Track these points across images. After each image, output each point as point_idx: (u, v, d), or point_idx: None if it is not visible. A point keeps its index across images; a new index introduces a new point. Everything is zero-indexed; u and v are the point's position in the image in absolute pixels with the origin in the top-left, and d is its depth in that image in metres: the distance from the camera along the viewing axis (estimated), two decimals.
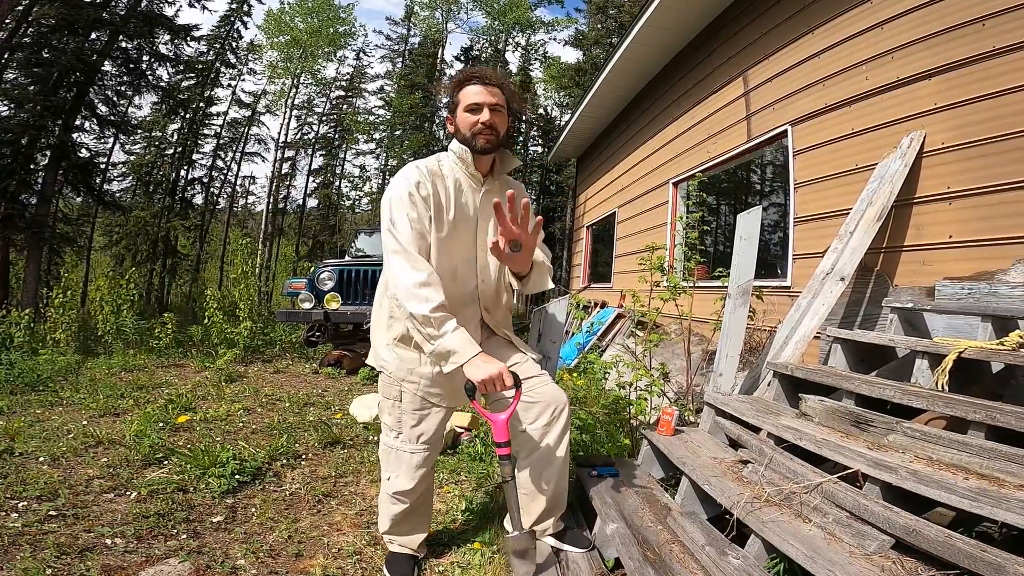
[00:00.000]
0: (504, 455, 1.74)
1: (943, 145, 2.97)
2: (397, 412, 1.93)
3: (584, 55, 22.16)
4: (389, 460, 1.98)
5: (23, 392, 4.31)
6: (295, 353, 7.39)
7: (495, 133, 1.82)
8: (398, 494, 1.96)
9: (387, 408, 1.96)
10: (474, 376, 1.61)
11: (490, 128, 1.81)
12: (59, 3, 11.05)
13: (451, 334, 1.64)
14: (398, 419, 1.93)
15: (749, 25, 5.12)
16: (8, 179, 10.71)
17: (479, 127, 1.81)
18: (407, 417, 1.92)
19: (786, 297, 4.04)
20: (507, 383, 1.63)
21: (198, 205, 20.96)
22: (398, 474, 1.95)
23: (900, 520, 1.44)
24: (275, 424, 3.79)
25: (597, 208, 10.23)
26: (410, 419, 1.91)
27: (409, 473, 1.94)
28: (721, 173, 5.96)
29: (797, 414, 2.35)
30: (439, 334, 1.64)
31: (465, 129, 1.83)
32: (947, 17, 3.00)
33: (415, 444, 1.93)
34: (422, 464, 1.95)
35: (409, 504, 1.98)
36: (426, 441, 1.94)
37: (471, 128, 1.82)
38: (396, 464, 1.96)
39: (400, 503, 1.97)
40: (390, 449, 1.97)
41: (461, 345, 1.64)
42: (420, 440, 1.93)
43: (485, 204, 1.88)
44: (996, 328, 2.22)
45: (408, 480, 1.94)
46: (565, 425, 1.92)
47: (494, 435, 1.74)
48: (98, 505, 2.36)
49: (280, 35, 21.63)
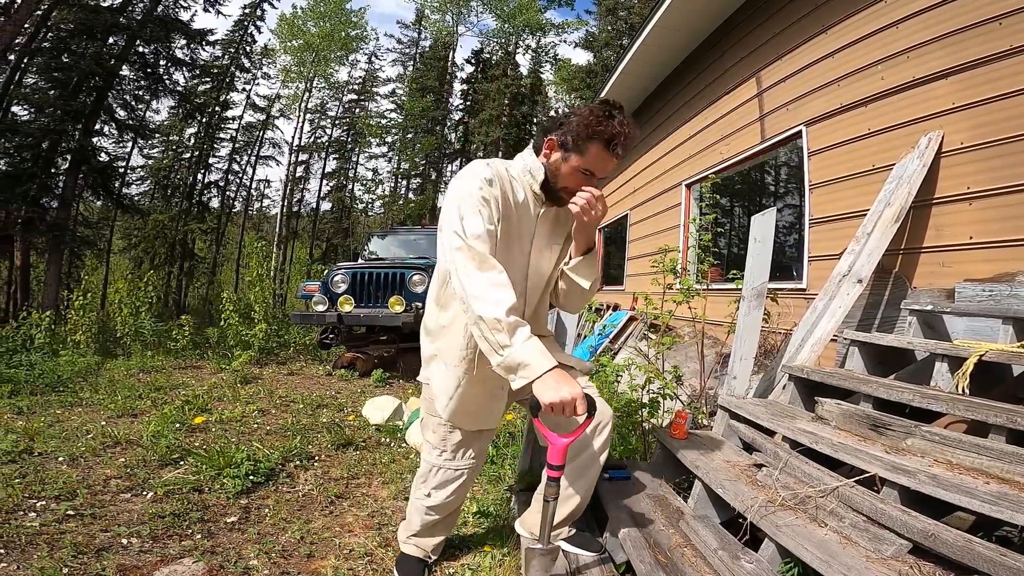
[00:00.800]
0: (554, 477, 1.59)
1: (962, 145, 2.93)
2: (442, 431, 1.84)
3: (595, 57, 22.16)
4: (430, 478, 1.90)
5: (44, 393, 4.39)
6: (309, 355, 7.45)
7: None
8: (434, 508, 1.91)
9: (431, 425, 1.86)
10: (545, 397, 1.41)
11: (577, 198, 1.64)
12: (77, 8, 11.26)
13: (523, 343, 1.44)
14: (443, 437, 1.84)
15: (761, 25, 5.08)
16: (29, 183, 10.93)
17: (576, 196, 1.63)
18: (452, 436, 1.83)
19: (801, 299, 3.99)
20: (579, 410, 1.44)
21: (214, 208, 21.27)
22: (439, 491, 1.89)
23: (918, 524, 1.41)
24: (289, 425, 3.82)
25: (609, 210, 10.20)
26: (455, 437, 1.83)
27: (450, 491, 1.88)
28: (735, 174, 5.91)
29: (813, 417, 2.32)
30: (510, 343, 1.44)
31: (565, 182, 1.65)
32: (962, 16, 2.96)
33: (461, 462, 1.86)
34: (467, 481, 1.90)
35: (443, 515, 1.96)
36: (473, 458, 1.88)
37: (570, 186, 1.65)
38: (438, 482, 1.89)
39: (433, 515, 1.94)
40: (433, 467, 1.89)
41: (535, 357, 1.44)
42: (467, 457, 1.86)
43: (541, 225, 1.77)
44: (1017, 330, 2.18)
45: (447, 496, 1.89)
46: (607, 439, 1.88)
47: (550, 456, 1.58)
48: (115, 505, 2.39)
49: (293, 39, 21.88)
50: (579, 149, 1.61)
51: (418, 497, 1.94)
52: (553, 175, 1.68)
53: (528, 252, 1.78)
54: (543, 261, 1.83)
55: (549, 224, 1.80)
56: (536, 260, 1.81)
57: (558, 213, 1.82)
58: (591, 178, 1.64)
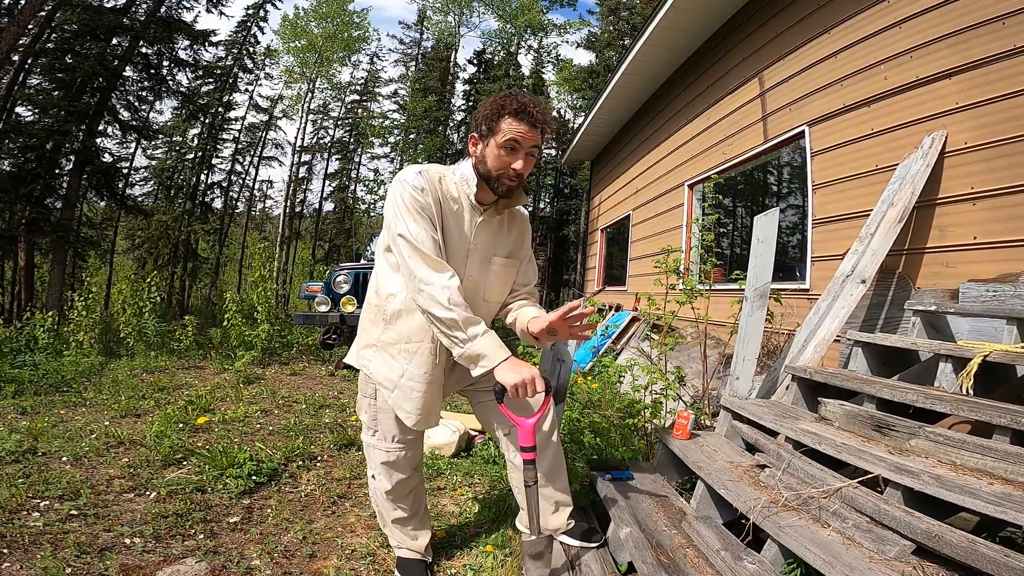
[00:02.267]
0: (529, 460, 1.69)
1: (965, 145, 2.92)
2: (372, 410, 1.90)
3: (597, 57, 22.14)
4: (369, 457, 1.97)
5: (47, 393, 4.40)
6: (312, 355, 7.46)
7: (521, 180, 1.70)
8: (386, 492, 1.94)
9: (364, 406, 1.93)
10: (506, 380, 1.57)
11: (519, 176, 1.68)
12: (81, 9, 11.30)
13: (481, 337, 1.60)
14: (374, 416, 1.90)
15: (764, 26, 5.07)
16: (33, 184, 10.97)
17: (510, 172, 1.67)
18: (382, 415, 1.88)
19: (804, 300, 3.99)
20: (538, 387, 1.59)
21: (217, 209, 21.31)
22: (378, 473, 1.93)
23: (922, 525, 1.41)
24: (291, 426, 3.82)
25: (611, 211, 10.20)
26: (385, 417, 1.88)
27: (387, 473, 1.91)
28: (737, 175, 5.91)
29: (816, 418, 2.31)
30: (468, 337, 1.59)
31: (493, 165, 1.67)
32: (965, 16, 2.95)
33: (389, 443, 1.89)
34: (398, 464, 1.91)
35: (400, 505, 1.97)
36: (401, 441, 1.89)
37: (501, 168, 1.66)
38: (375, 463, 1.94)
39: (390, 502, 1.96)
40: (367, 447, 1.96)
41: (492, 349, 1.60)
42: (395, 440, 1.89)
43: (481, 232, 1.77)
44: (1021, 331, 2.17)
45: (387, 480, 1.92)
46: (552, 422, 1.96)
47: (520, 439, 1.70)
48: (118, 505, 2.40)
49: (296, 40, 21.90)
50: (492, 129, 1.65)
51: (370, 482, 2.01)
52: (484, 165, 1.69)
53: (466, 258, 1.77)
54: (487, 273, 1.83)
55: (490, 233, 1.80)
56: (477, 271, 1.80)
57: (501, 222, 1.83)
58: (517, 150, 1.65)
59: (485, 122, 1.67)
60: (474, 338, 1.59)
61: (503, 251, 1.85)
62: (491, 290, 1.87)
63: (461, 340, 1.60)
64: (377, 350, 1.84)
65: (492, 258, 1.83)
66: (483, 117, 1.68)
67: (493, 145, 1.66)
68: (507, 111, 1.63)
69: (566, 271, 22.63)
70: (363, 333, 1.92)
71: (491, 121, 1.66)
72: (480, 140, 1.70)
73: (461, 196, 1.74)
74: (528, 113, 1.63)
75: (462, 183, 1.74)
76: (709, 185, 4.45)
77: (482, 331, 1.61)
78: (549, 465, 1.96)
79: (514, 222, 1.90)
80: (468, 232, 1.76)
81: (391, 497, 1.95)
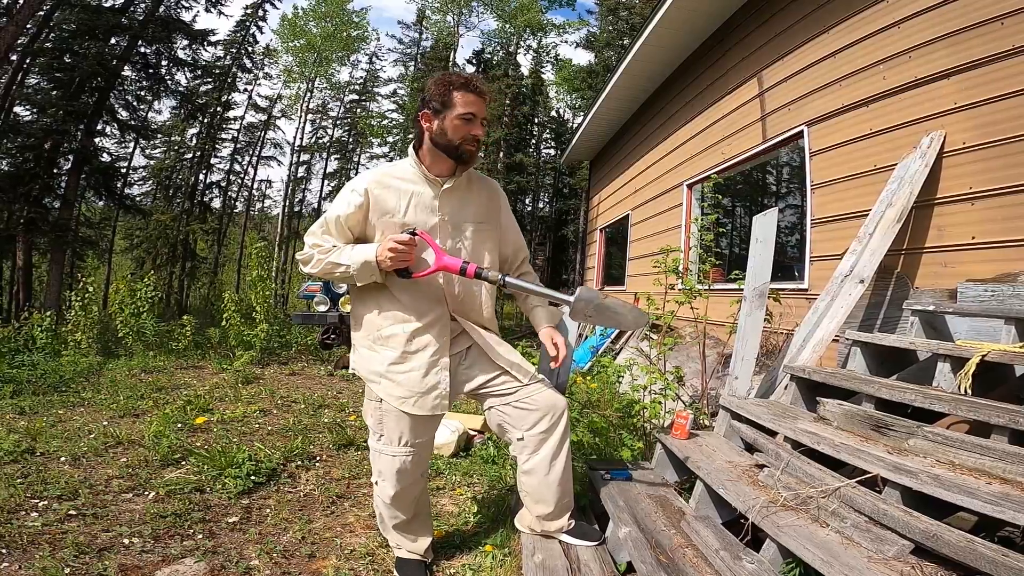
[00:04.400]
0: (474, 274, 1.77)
1: (964, 145, 2.92)
2: (378, 414, 1.88)
3: (596, 57, 22.14)
4: (374, 462, 1.94)
5: (46, 393, 4.39)
6: (310, 355, 7.45)
7: (479, 145, 1.84)
8: (389, 499, 1.91)
9: (370, 410, 1.92)
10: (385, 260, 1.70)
11: (478, 141, 1.82)
12: (79, 8, 11.28)
13: (348, 249, 1.78)
14: (379, 420, 1.88)
15: (763, 25, 5.07)
16: (32, 183, 10.95)
17: (471, 137, 1.80)
18: (387, 418, 1.86)
19: (803, 300, 3.99)
20: (405, 240, 1.69)
21: (216, 209, 21.26)
22: (384, 478, 1.90)
23: (920, 525, 1.41)
24: (290, 426, 3.82)
25: (611, 211, 10.20)
26: (389, 419, 1.86)
27: (393, 478, 1.87)
28: (736, 175, 5.91)
29: (815, 418, 2.31)
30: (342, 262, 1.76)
31: (454, 135, 1.79)
32: (964, 16, 2.95)
33: (396, 447, 1.86)
34: (406, 468, 1.88)
35: (402, 511, 1.94)
36: (411, 445, 1.87)
37: (462, 137, 1.79)
38: (380, 469, 1.91)
39: (393, 508, 1.93)
40: (373, 452, 1.93)
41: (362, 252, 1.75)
42: (402, 443, 1.86)
43: (446, 201, 1.86)
44: (1020, 331, 2.17)
45: (392, 485, 1.88)
46: (565, 430, 1.93)
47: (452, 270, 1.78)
48: (117, 505, 2.40)
49: (295, 40, 21.85)
50: (447, 103, 1.78)
51: (374, 487, 1.99)
52: (445, 137, 1.79)
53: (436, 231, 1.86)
54: (463, 239, 1.90)
55: (457, 200, 1.89)
56: (451, 242, 1.88)
57: (467, 188, 1.91)
58: (473, 120, 1.79)
59: (437, 99, 1.79)
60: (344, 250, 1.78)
61: (473, 216, 1.91)
62: (476, 259, 1.89)
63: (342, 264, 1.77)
64: (356, 349, 1.95)
65: (462, 224, 1.89)
66: (433, 94, 1.80)
67: (452, 115, 1.78)
68: (455, 87, 1.78)
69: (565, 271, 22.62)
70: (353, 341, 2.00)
71: (445, 96, 1.78)
72: (434, 116, 1.80)
73: (416, 179, 1.86)
74: (475, 86, 1.80)
75: (412, 167, 1.86)
76: (708, 185, 4.46)
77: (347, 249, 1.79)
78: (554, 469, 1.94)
79: (481, 187, 1.97)
80: (433, 206, 1.86)
81: (394, 503, 1.92)
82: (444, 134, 1.79)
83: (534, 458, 1.92)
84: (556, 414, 1.91)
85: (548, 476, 1.92)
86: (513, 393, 1.92)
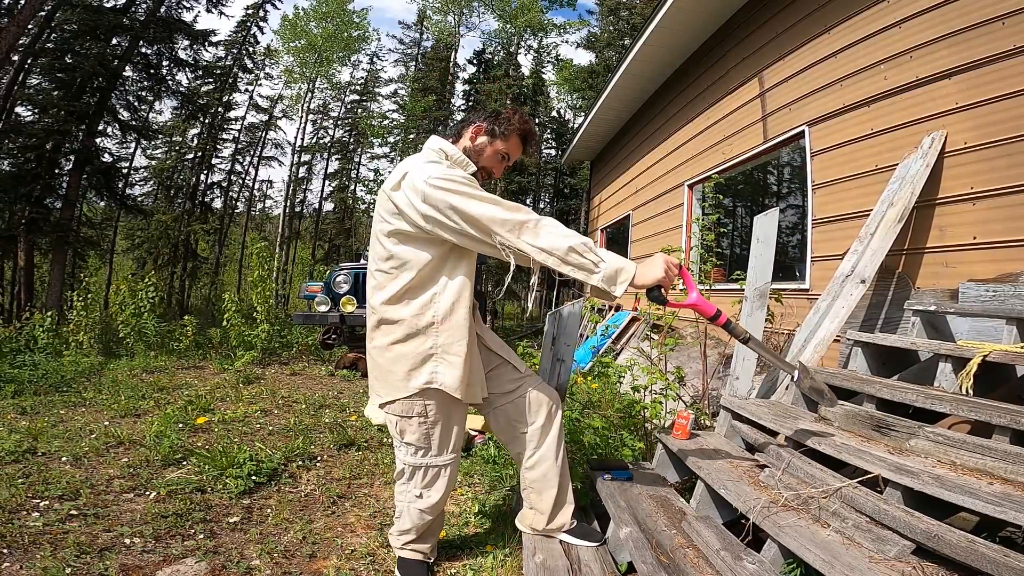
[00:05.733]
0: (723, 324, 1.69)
1: (965, 145, 2.92)
2: (424, 428, 1.82)
3: (597, 57, 22.15)
4: (418, 479, 1.88)
5: (47, 393, 4.39)
6: (311, 355, 7.46)
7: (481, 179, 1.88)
8: (431, 507, 1.90)
9: (411, 428, 1.82)
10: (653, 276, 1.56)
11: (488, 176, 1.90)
12: (81, 9, 11.29)
13: (608, 253, 1.58)
14: (425, 434, 1.83)
15: (764, 25, 5.07)
16: (33, 184, 10.97)
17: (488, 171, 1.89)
18: (435, 429, 1.83)
19: (804, 300, 3.99)
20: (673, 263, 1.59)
21: (217, 209, 21.29)
22: (430, 491, 1.88)
23: (921, 525, 1.41)
24: (291, 426, 3.82)
25: (611, 211, 10.20)
26: (438, 430, 1.84)
27: (444, 486, 1.89)
28: (737, 175, 5.90)
29: (816, 418, 2.31)
30: (601, 257, 1.56)
31: (486, 163, 1.87)
32: (965, 16, 2.95)
33: (448, 455, 1.87)
34: (455, 470, 1.94)
35: (436, 514, 1.95)
36: (455, 446, 1.90)
37: (492, 167, 1.89)
38: (429, 481, 1.88)
39: (429, 515, 1.92)
40: (419, 468, 1.87)
41: (621, 259, 1.58)
42: (452, 449, 1.88)
43: None
44: (1021, 331, 2.17)
45: (440, 493, 1.89)
46: (560, 421, 2.03)
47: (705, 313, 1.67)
48: (118, 505, 2.40)
49: (296, 40, 21.88)
50: (505, 136, 1.86)
51: (410, 500, 1.90)
52: (476, 155, 1.86)
53: None
54: None
55: None
56: None
57: None
58: (504, 162, 1.90)
59: (500, 126, 1.86)
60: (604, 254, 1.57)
61: None
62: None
63: (595, 262, 1.56)
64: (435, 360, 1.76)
65: None
66: (502, 120, 1.86)
67: (498, 146, 1.87)
68: (519, 130, 1.87)
69: None
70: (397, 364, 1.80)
71: (508, 130, 1.86)
72: (487, 134, 1.87)
73: None
74: (531, 142, 1.92)
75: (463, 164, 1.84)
76: (709, 185, 4.45)
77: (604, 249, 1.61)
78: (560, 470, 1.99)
79: None
80: None
81: (434, 510, 1.91)
82: (479, 153, 1.86)
83: (537, 451, 1.97)
84: (554, 406, 2.00)
85: (551, 467, 1.98)
86: (515, 391, 1.98)
